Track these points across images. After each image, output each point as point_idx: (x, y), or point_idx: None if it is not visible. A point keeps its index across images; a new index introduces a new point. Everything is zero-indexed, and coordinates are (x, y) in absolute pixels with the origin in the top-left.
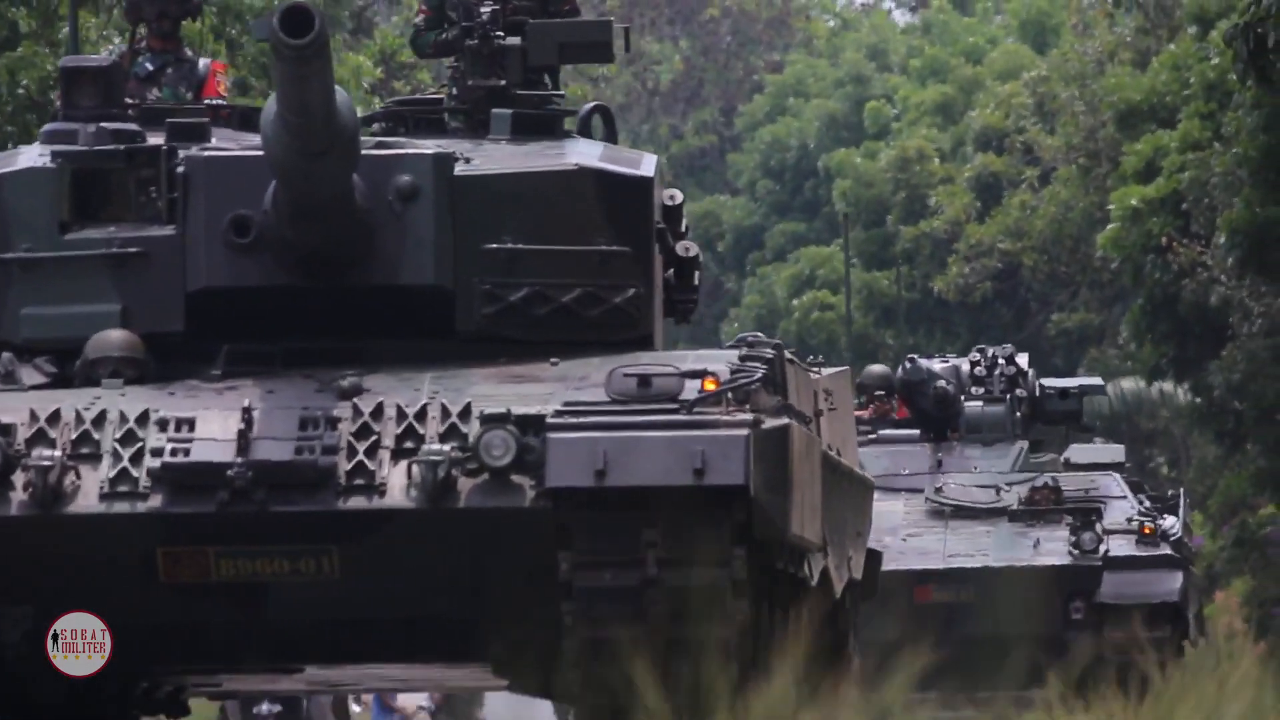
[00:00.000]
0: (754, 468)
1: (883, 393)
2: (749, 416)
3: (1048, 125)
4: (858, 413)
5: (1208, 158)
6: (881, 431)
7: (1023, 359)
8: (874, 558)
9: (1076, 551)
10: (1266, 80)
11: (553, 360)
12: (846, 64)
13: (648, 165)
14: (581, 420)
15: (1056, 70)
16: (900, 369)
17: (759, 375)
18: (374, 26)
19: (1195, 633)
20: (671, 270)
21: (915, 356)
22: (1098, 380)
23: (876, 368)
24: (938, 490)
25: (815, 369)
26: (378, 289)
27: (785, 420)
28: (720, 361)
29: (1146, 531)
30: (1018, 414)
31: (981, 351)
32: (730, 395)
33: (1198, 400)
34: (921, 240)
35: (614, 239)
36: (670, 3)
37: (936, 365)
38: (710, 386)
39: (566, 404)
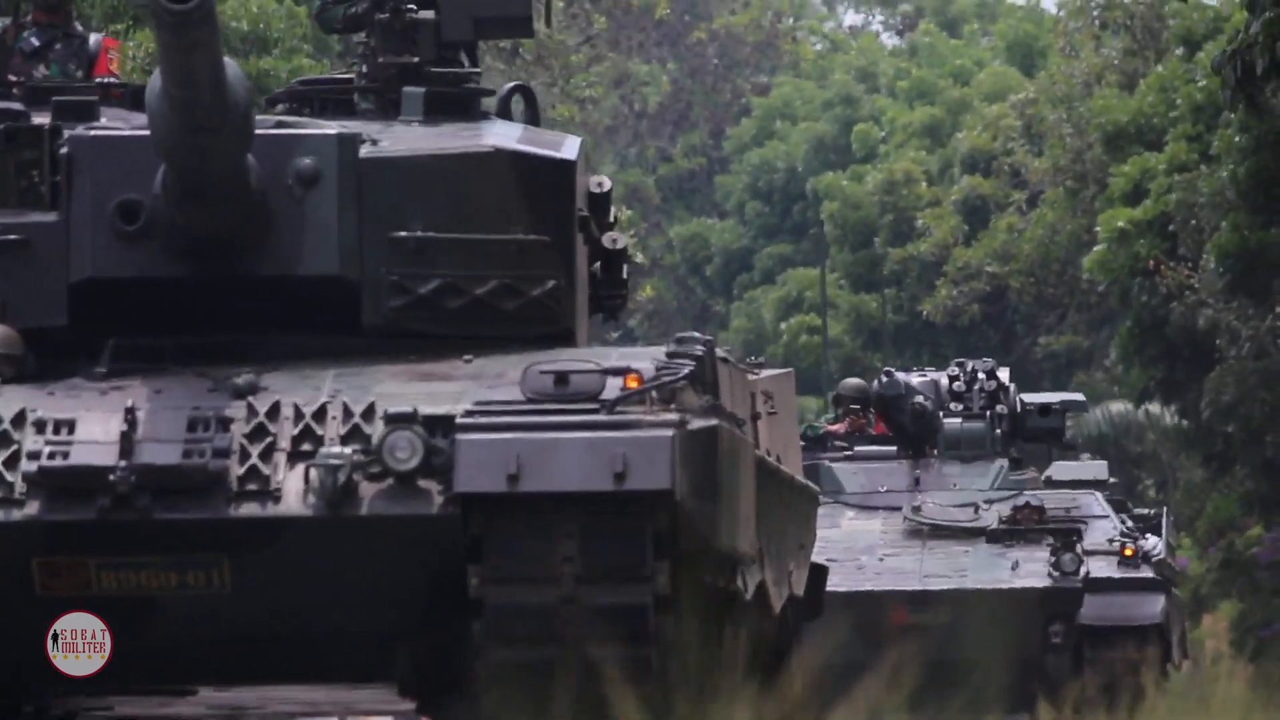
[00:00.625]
0: (679, 471)
1: (858, 406)
2: (674, 416)
3: (1035, 147)
4: (833, 427)
5: (1194, 179)
6: (858, 448)
7: (1003, 374)
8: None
9: (1056, 573)
10: (1254, 107)
11: (466, 357)
12: (835, 86)
13: (570, 148)
14: (494, 421)
15: (1044, 92)
16: (877, 383)
17: (684, 373)
18: None
19: (1179, 655)
20: (599, 264)
21: (892, 370)
22: (1079, 396)
23: (853, 381)
24: (915, 509)
25: (754, 370)
26: (276, 280)
27: (713, 421)
28: (645, 359)
29: (1128, 553)
30: (998, 430)
31: (961, 366)
32: (654, 394)
33: (1185, 423)
34: (909, 263)
35: (533, 227)
36: (658, 25)
37: (915, 380)
38: (633, 384)
39: (478, 403)
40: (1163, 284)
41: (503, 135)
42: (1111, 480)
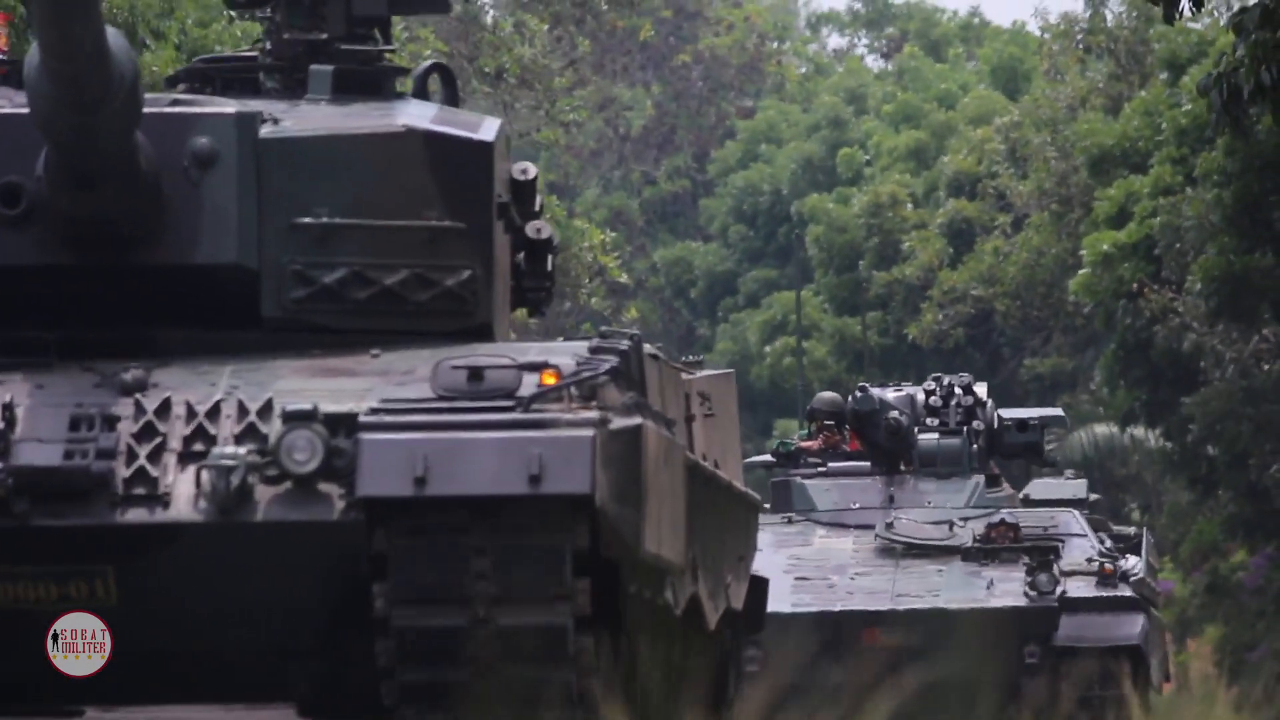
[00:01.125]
0: (600, 474)
1: (832, 422)
2: (594, 415)
3: (1020, 171)
4: (806, 444)
5: (1179, 203)
6: (831, 464)
7: (980, 389)
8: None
9: (1032, 593)
10: (1240, 131)
11: (373, 352)
12: (821, 108)
13: (489, 129)
14: (400, 419)
15: (1029, 116)
16: (851, 398)
17: (606, 368)
18: None
19: (1161, 678)
20: (522, 255)
21: (866, 385)
22: (1058, 411)
23: (827, 395)
24: (888, 526)
25: (690, 369)
26: (170, 269)
27: (638, 420)
28: (566, 354)
29: (1106, 572)
30: (974, 446)
31: (937, 380)
32: (574, 391)
33: (1170, 446)
34: (894, 286)
35: (447, 212)
36: (642, 48)
37: (890, 395)
38: (550, 380)
39: (384, 401)
40: (1147, 307)
41: (416, 115)
42: (1093, 498)
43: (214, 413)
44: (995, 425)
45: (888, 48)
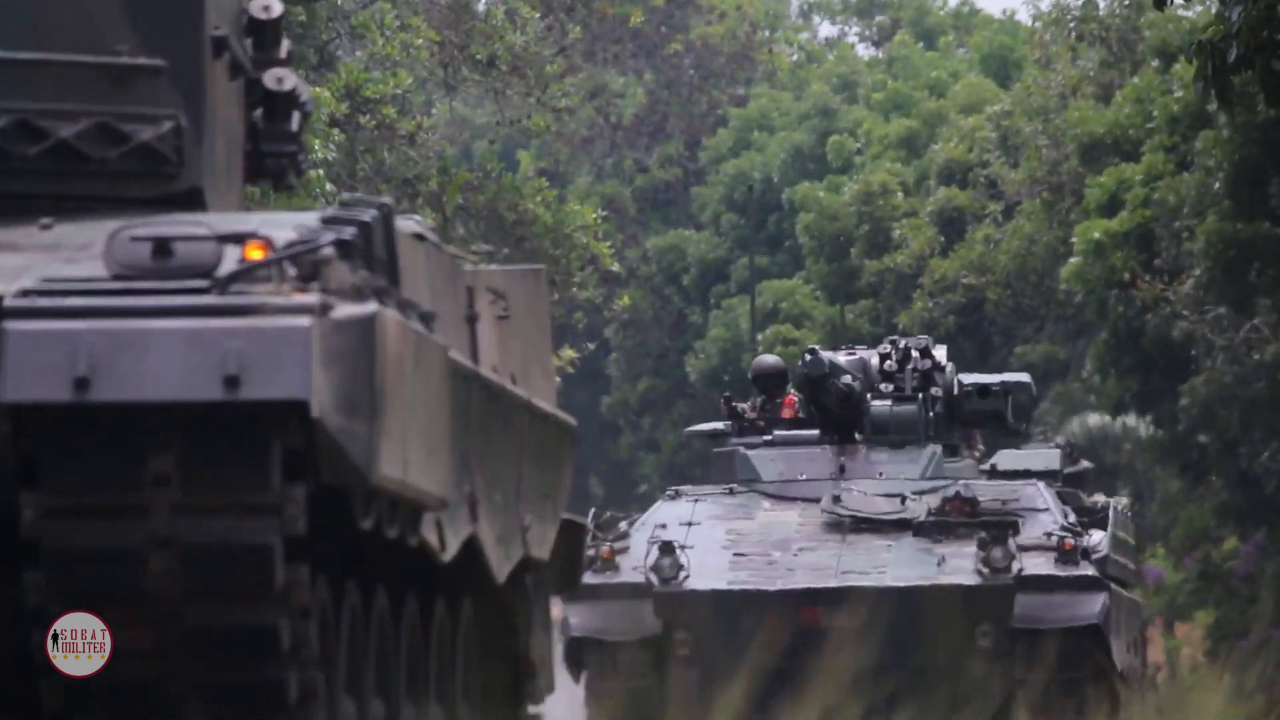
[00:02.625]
0: (319, 375)
1: (798, 394)
2: (314, 300)
3: (1011, 159)
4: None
5: (1178, 183)
6: (778, 432)
7: (940, 352)
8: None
9: (986, 570)
10: (1225, 100)
11: (44, 221)
12: (812, 96)
13: None
14: (60, 304)
15: (1020, 104)
16: (800, 362)
17: (331, 239)
18: (337, 60)
19: (1131, 661)
20: (259, 111)
21: (816, 348)
22: (1023, 377)
23: (769, 358)
24: (835, 499)
25: (475, 258)
26: None
27: (372, 307)
28: (285, 225)
29: (1066, 548)
30: (931, 414)
31: (893, 343)
32: (289, 268)
33: (1160, 433)
34: (885, 274)
35: (143, 45)
36: (633, 36)
37: (842, 358)
38: (256, 255)
39: (44, 280)
40: (1138, 296)
41: None
42: (1083, 467)
43: None
44: (955, 391)
45: (879, 36)
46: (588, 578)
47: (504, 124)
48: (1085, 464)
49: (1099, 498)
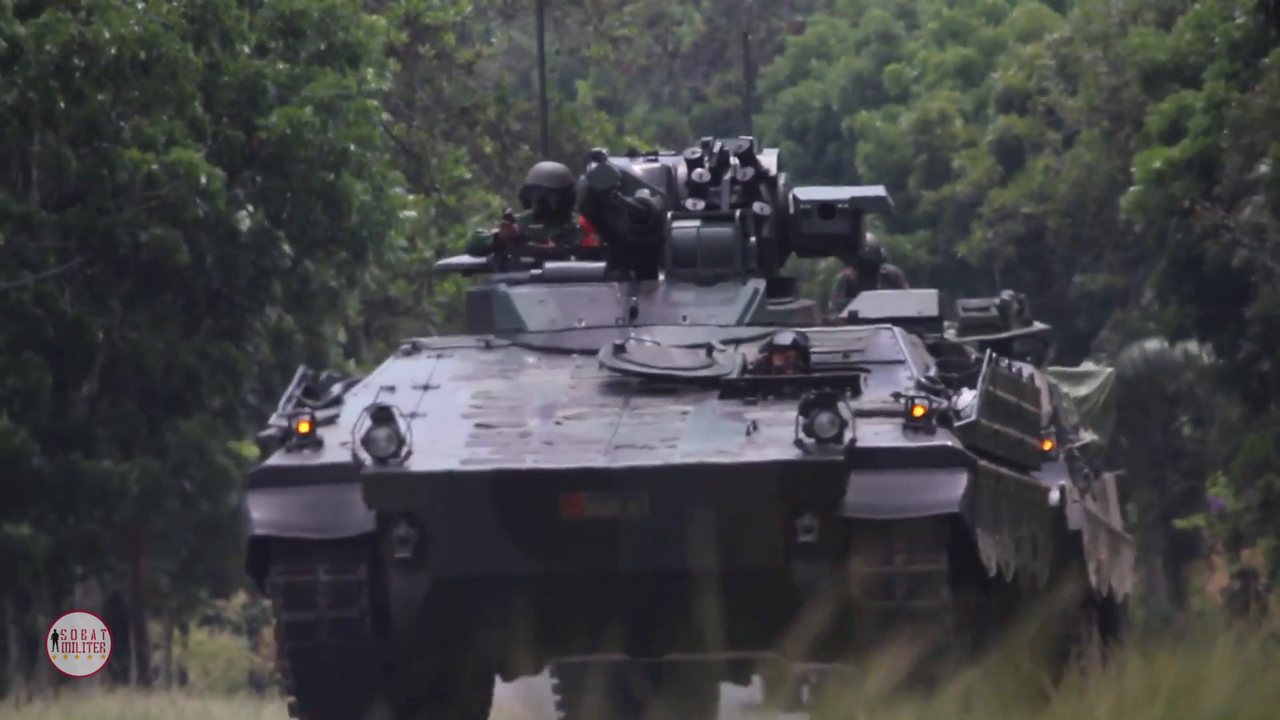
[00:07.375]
0: None
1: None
2: None
3: (1070, 87)
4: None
5: (1250, 99)
6: (550, 265)
7: (768, 158)
8: None
9: (809, 440)
10: None
11: None
12: (871, 21)
13: None
14: None
15: (1079, 31)
16: (584, 173)
17: None
18: None
19: (1035, 569)
20: None
21: (603, 152)
22: (879, 191)
23: (549, 165)
24: (619, 350)
25: None
26: None
27: None
28: None
29: (917, 413)
30: (752, 239)
31: (706, 147)
32: None
33: (1220, 361)
34: (944, 204)
35: None
36: None
37: (639, 167)
38: None
39: None
40: (1197, 225)
41: None
42: (1038, 329)
43: None
44: (789, 210)
45: None
46: (277, 458)
47: (562, 52)
48: (1039, 325)
49: (1088, 365)
